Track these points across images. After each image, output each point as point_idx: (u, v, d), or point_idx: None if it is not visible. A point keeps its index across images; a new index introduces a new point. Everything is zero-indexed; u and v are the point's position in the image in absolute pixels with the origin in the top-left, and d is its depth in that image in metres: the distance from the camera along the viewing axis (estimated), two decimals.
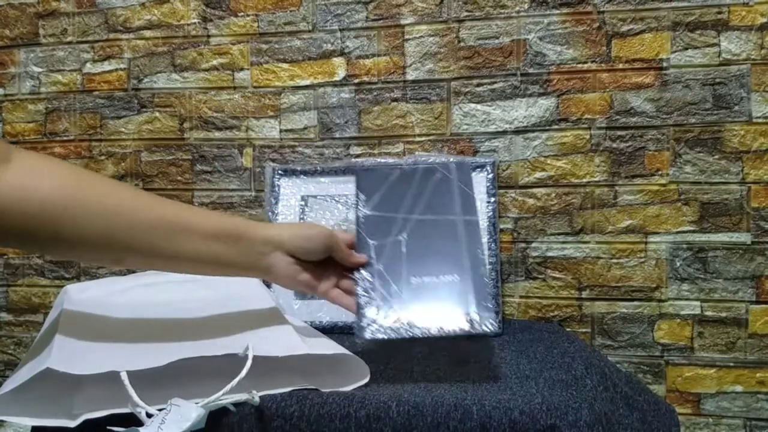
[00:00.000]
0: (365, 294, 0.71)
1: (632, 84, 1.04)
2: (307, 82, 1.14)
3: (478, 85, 1.09)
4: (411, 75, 1.11)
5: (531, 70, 1.07)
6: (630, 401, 0.80)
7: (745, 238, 1.02)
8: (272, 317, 0.75)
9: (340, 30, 1.12)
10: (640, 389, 0.87)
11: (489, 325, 0.68)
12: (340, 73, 1.13)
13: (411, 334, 0.68)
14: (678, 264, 1.03)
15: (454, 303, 0.70)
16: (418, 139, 1.11)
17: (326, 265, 0.73)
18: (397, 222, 0.77)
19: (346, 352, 0.70)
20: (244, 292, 0.82)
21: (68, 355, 0.60)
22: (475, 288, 0.71)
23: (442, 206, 0.78)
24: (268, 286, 0.96)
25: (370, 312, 0.70)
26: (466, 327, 0.67)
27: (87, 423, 0.57)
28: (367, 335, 0.68)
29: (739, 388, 1.02)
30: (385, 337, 0.68)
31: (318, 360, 0.69)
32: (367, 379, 0.68)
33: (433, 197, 0.79)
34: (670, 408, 0.89)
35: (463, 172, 0.82)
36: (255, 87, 1.16)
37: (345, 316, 1.00)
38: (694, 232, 1.03)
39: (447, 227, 0.76)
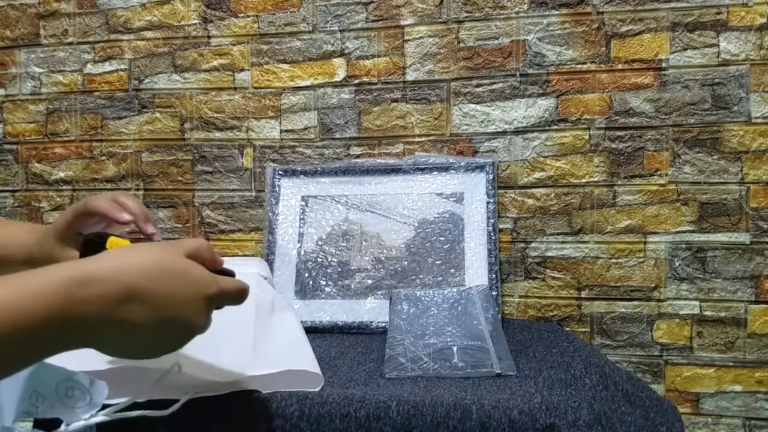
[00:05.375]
0: None
1: (631, 84, 1.04)
2: (308, 83, 1.14)
3: (478, 85, 1.09)
4: (411, 76, 1.11)
5: (530, 71, 1.07)
6: (632, 399, 0.81)
7: (744, 238, 1.02)
8: (237, 327, 0.71)
9: (340, 31, 1.13)
10: (641, 386, 0.88)
11: None
12: (340, 74, 1.13)
13: None
14: (677, 264, 1.04)
15: None
16: (417, 139, 1.11)
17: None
18: None
19: (297, 366, 0.68)
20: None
21: None
22: None
23: None
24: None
25: None
26: None
27: None
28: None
29: (738, 388, 1.02)
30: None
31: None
32: (318, 388, 0.67)
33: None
34: (671, 404, 0.89)
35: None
36: (255, 87, 1.16)
37: (345, 316, 1.00)
38: (693, 232, 1.03)
39: None
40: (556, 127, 1.07)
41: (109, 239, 0.61)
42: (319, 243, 1.06)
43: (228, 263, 0.60)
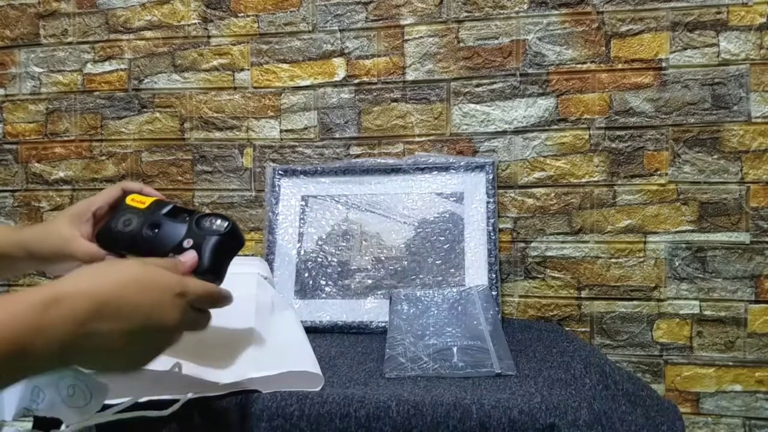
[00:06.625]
0: None
1: (631, 84, 1.04)
2: (307, 83, 1.14)
3: (478, 85, 1.09)
4: (411, 75, 1.11)
5: (530, 71, 1.07)
6: (632, 398, 0.81)
7: (744, 237, 1.02)
8: (237, 327, 0.72)
9: (340, 30, 1.13)
10: (642, 386, 0.88)
11: None
12: (340, 74, 1.13)
13: None
14: (677, 263, 1.04)
15: None
16: (417, 139, 1.11)
17: None
18: None
19: (298, 367, 0.68)
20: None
21: None
22: None
23: None
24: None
25: None
26: None
27: None
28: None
29: (738, 388, 1.02)
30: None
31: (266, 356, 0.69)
32: (318, 388, 0.68)
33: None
34: (671, 404, 0.89)
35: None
36: (255, 87, 1.16)
37: (345, 316, 1.00)
38: (693, 231, 1.03)
39: None
40: (556, 126, 1.07)
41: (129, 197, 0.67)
42: (319, 243, 1.06)
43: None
